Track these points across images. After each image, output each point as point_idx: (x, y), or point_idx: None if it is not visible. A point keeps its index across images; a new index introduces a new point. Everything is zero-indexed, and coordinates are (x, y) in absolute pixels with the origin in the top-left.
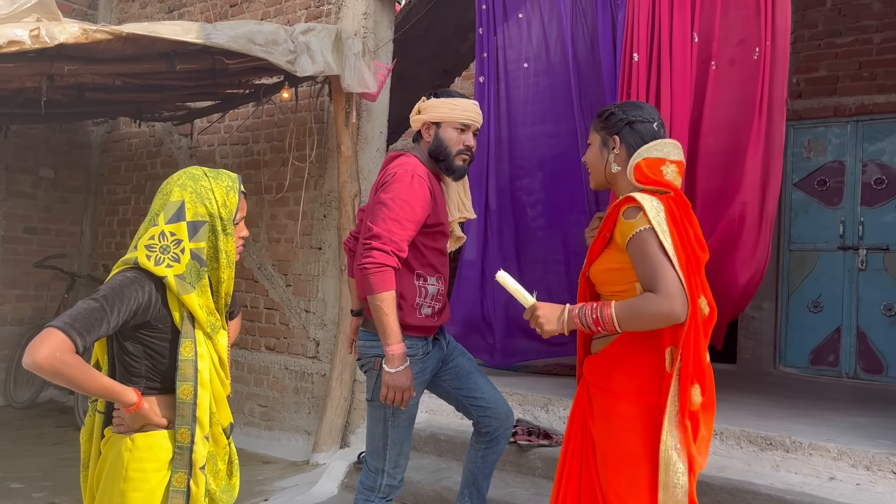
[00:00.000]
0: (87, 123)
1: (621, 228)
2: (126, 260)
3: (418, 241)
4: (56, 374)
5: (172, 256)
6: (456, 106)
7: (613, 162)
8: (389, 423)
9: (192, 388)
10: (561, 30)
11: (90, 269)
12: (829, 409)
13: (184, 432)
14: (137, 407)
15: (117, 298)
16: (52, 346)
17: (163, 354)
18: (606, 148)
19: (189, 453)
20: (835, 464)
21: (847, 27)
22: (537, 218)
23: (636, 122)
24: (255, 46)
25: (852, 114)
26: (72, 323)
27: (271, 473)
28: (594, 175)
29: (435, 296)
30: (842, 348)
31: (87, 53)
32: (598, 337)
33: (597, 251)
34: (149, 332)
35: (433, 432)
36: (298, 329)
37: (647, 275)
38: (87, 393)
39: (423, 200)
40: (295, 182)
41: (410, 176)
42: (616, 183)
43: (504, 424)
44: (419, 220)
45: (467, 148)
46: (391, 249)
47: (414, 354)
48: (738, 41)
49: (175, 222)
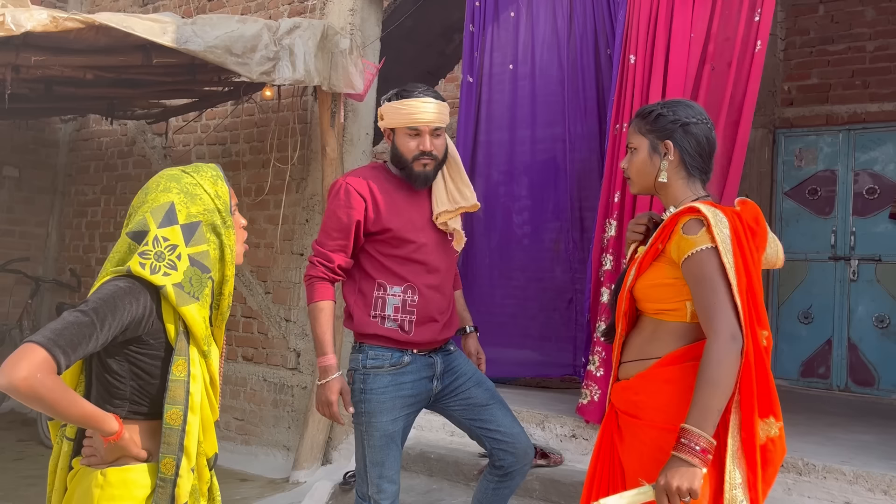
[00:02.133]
0: (53, 120)
1: (678, 243)
2: (115, 270)
3: (370, 248)
4: (35, 397)
5: (168, 264)
6: (402, 109)
7: (666, 169)
8: (365, 443)
9: (181, 412)
10: (556, 30)
11: (56, 273)
12: (830, 426)
13: (168, 462)
14: (118, 437)
15: (109, 311)
16: (31, 365)
17: (152, 374)
18: (657, 153)
19: (172, 487)
20: (850, 487)
21: (840, 35)
22: (523, 225)
23: (690, 123)
24: (231, 58)
25: (844, 122)
26: (55, 339)
27: (249, 492)
28: (639, 182)
29: (400, 308)
30: (833, 360)
31: (56, 43)
32: (628, 360)
33: (646, 264)
34: (138, 348)
35: (423, 450)
36: (278, 339)
37: (703, 305)
38: (66, 420)
39: (347, 208)
40: (276, 185)
41: (338, 187)
42: (667, 192)
43: (521, 461)
44: (345, 227)
45: (423, 153)
46: (317, 260)
47: (380, 366)
48: (731, 41)
49: (167, 226)
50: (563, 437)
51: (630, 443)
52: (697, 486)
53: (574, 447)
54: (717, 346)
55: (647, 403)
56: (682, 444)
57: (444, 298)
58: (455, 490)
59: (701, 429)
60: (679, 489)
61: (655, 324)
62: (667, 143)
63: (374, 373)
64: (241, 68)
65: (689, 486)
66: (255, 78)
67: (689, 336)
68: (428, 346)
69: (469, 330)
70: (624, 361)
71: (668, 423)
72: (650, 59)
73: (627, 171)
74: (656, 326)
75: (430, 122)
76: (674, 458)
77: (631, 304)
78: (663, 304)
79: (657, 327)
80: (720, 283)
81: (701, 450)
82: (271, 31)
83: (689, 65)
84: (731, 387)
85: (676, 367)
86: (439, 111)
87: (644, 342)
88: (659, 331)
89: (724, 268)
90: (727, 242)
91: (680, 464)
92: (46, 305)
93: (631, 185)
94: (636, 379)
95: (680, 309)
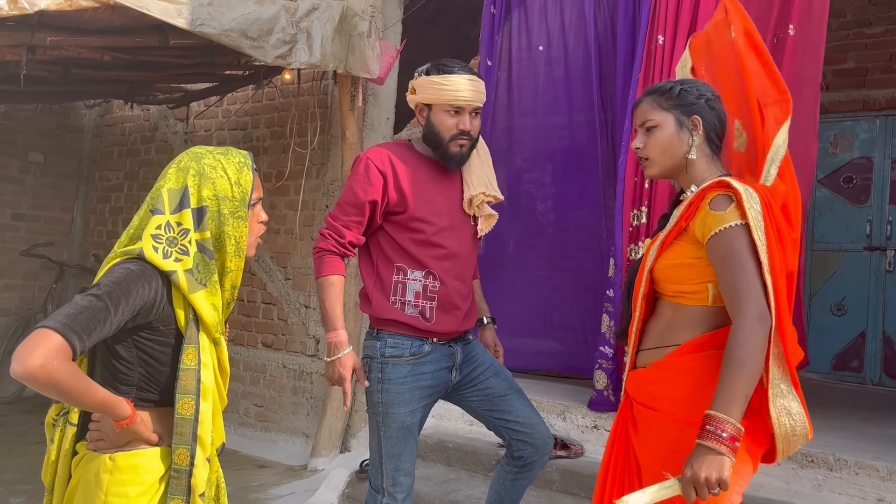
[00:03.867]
0: (78, 106)
1: (705, 220)
2: (127, 251)
3: (389, 228)
4: (52, 385)
5: (180, 249)
6: (446, 85)
7: (696, 146)
8: (381, 434)
9: (193, 401)
10: (582, 13)
11: (80, 258)
12: (863, 421)
13: (182, 453)
14: (130, 421)
15: (122, 295)
16: (47, 351)
17: (160, 361)
18: (684, 129)
19: (188, 477)
20: (884, 484)
21: (878, 17)
22: (547, 213)
23: (713, 99)
24: (246, 41)
25: (882, 108)
26: (70, 323)
27: (267, 479)
28: (662, 161)
29: (422, 293)
30: (866, 353)
31: (71, 23)
32: (646, 348)
33: (668, 242)
34: (148, 334)
35: (441, 439)
36: (297, 325)
37: (729, 284)
38: (80, 406)
39: (365, 184)
40: (296, 170)
41: (360, 160)
42: (693, 170)
43: (540, 452)
44: (360, 203)
45: (462, 132)
46: (328, 233)
47: (399, 355)
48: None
49: (179, 210)
50: (585, 428)
51: (646, 435)
52: (727, 476)
53: (595, 438)
54: (744, 326)
55: (665, 394)
56: (708, 432)
57: (464, 286)
58: (473, 480)
59: (727, 414)
60: (708, 480)
61: (675, 308)
62: (695, 118)
63: (393, 362)
64: (256, 52)
65: (719, 476)
66: (271, 62)
67: (711, 322)
68: (449, 335)
69: (486, 321)
70: (642, 349)
71: (687, 416)
72: (676, 40)
73: (645, 150)
74: (675, 311)
75: (471, 101)
76: (699, 446)
77: (650, 286)
78: (684, 285)
79: (676, 312)
80: (749, 261)
81: (728, 437)
82: (289, 12)
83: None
84: (759, 370)
85: (697, 355)
86: (480, 90)
87: (663, 328)
88: (679, 316)
89: (756, 245)
90: (759, 219)
91: (706, 452)
92: (71, 290)
93: (649, 167)
94: (653, 368)
95: (701, 291)
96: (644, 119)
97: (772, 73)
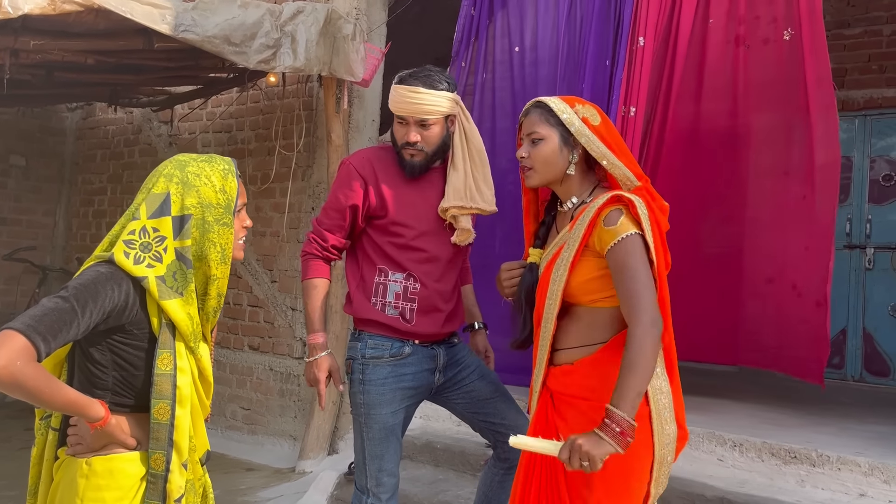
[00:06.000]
0: (60, 109)
1: (601, 236)
2: (100, 255)
3: (371, 231)
4: (16, 385)
5: (154, 255)
6: (393, 95)
7: (575, 163)
8: (364, 435)
9: (169, 406)
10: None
11: (63, 262)
12: (843, 417)
13: (158, 458)
14: (104, 423)
15: (90, 297)
16: (10, 352)
17: (135, 365)
18: (568, 146)
19: (163, 482)
20: (865, 479)
21: (856, 18)
22: None
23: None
24: (228, 47)
25: (860, 108)
26: (35, 325)
27: (255, 482)
28: (544, 173)
29: (402, 294)
30: (847, 350)
31: (55, 27)
32: (567, 347)
33: (575, 262)
34: (122, 337)
35: (429, 440)
36: (284, 328)
37: (624, 294)
38: (50, 408)
39: (346, 189)
40: (281, 172)
41: (343, 165)
42: (570, 184)
43: None
44: (342, 207)
45: (407, 143)
46: (313, 237)
47: (379, 356)
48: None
49: (158, 217)
50: None
51: (577, 421)
52: (600, 459)
53: None
54: (637, 331)
55: (602, 385)
56: (605, 425)
57: (446, 289)
58: (461, 480)
59: (623, 411)
60: (582, 450)
61: (593, 312)
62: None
63: (374, 363)
64: (238, 58)
65: (595, 453)
66: (253, 67)
67: None
68: (430, 338)
69: (478, 327)
70: (562, 349)
71: None
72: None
73: (529, 160)
74: (594, 314)
75: (412, 114)
76: (594, 432)
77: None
78: (600, 293)
79: (595, 315)
80: (640, 270)
81: (620, 431)
82: (274, 16)
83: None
84: (651, 370)
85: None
86: (427, 102)
87: (585, 329)
88: (598, 317)
89: (648, 248)
90: (648, 225)
91: (597, 436)
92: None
93: (531, 177)
94: (583, 364)
95: (616, 295)
96: (531, 130)
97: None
